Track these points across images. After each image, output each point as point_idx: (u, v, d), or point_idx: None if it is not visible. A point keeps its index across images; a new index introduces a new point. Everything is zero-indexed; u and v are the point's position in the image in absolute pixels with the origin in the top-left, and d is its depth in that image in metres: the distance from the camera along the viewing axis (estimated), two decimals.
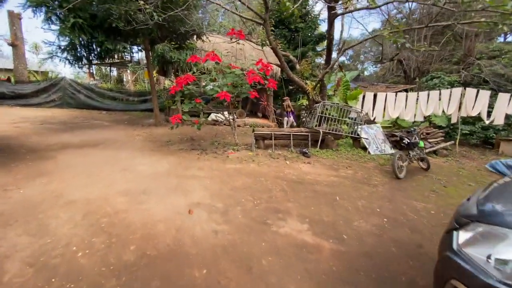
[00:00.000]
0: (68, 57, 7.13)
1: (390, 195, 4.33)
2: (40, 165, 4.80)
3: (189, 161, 5.53)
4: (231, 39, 5.83)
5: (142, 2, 5.05)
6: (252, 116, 12.84)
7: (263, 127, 11.44)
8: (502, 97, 8.51)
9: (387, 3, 6.47)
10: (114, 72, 25.18)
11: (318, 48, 16.32)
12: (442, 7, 5.22)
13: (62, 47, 6.79)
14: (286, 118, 10.36)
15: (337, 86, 9.17)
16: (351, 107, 8.14)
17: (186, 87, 5.57)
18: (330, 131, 7.08)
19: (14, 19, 12.50)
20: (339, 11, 6.47)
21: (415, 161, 5.71)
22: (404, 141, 5.33)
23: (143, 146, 6.66)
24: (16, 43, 12.73)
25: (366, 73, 30.41)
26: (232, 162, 5.64)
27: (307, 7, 14.69)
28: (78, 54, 7.25)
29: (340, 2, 6.25)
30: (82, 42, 6.58)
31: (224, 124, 11.16)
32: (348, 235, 3.02)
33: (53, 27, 6.03)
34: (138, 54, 22.43)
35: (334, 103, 7.73)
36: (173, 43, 7.08)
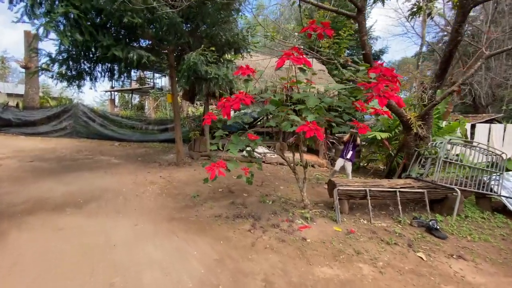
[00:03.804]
0: (63, 72, 5.03)
1: None
2: None
3: (240, 253, 2.92)
4: (309, 35, 3.44)
5: None
6: (294, 150, 10.22)
7: (313, 166, 8.78)
8: None
9: None
10: (137, 99, 24.19)
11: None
12: None
13: (53, 57, 4.71)
14: (340, 159, 6.00)
15: (446, 114, 6.49)
16: (482, 146, 5.36)
17: (235, 114, 3.21)
18: (462, 187, 4.27)
19: (30, 39, 11.30)
20: None
21: None
22: None
23: (157, 207, 4.18)
24: (29, 66, 11.41)
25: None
26: (318, 255, 2.97)
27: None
28: (77, 68, 5.16)
29: None
30: (80, 48, 4.44)
31: (264, 162, 8.66)
32: None
33: (36, 22, 4.00)
34: (161, 80, 21.37)
35: (466, 141, 4.96)
36: (213, 49, 4.78)
